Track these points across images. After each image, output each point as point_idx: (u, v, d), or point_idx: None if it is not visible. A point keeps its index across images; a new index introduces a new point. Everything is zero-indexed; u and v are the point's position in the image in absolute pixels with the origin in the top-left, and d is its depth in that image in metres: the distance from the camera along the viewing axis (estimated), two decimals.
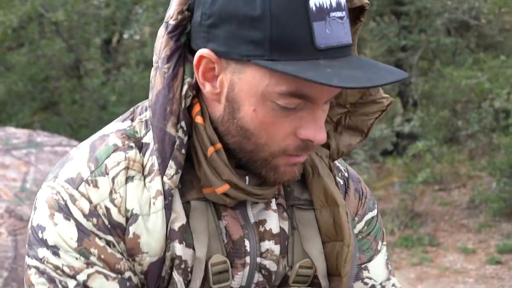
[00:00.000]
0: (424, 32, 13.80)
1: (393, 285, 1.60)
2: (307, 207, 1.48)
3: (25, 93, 13.34)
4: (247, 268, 1.39)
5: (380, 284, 1.57)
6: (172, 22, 1.32)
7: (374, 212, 1.61)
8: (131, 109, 1.45)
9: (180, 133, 1.33)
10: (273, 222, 1.41)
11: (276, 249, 1.40)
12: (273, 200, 1.43)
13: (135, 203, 1.32)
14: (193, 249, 1.34)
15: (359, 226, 1.57)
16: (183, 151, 1.33)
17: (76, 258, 1.30)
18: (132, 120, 1.42)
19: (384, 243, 1.62)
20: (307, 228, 1.46)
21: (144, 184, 1.33)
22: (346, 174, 1.59)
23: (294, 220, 1.46)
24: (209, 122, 1.35)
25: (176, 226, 1.33)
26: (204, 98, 1.36)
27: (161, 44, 1.33)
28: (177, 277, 1.33)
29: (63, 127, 13.14)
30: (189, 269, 1.34)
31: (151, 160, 1.34)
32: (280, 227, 1.42)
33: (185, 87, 1.33)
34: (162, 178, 1.32)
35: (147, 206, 1.32)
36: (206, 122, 1.34)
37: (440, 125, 12.59)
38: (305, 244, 1.45)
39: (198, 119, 1.34)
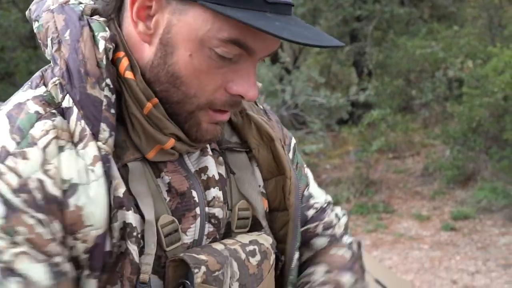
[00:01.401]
0: (378, 2, 13.83)
1: (330, 200, 1.72)
2: (239, 149, 1.44)
3: None
4: (198, 220, 1.31)
5: (324, 202, 1.68)
6: (55, 6, 1.28)
7: (293, 139, 1.63)
8: (39, 74, 1.29)
9: (106, 92, 1.20)
10: (213, 168, 1.35)
11: (220, 195, 1.35)
12: (208, 146, 1.37)
13: (73, 172, 1.16)
14: (139, 213, 1.23)
15: (290, 155, 1.57)
16: (113, 110, 1.21)
17: (2, 237, 1.12)
18: (45, 85, 1.25)
19: (305, 165, 1.66)
20: (242, 171, 1.42)
21: (77, 153, 1.18)
22: (262, 107, 1.56)
23: (228, 163, 1.41)
24: (140, 76, 1.24)
25: (121, 192, 1.19)
26: (131, 46, 1.26)
27: (53, 24, 1.25)
28: (131, 246, 1.20)
29: None
30: (139, 236, 1.22)
31: (80, 125, 1.19)
32: (218, 173, 1.37)
33: (101, 42, 1.22)
34: (96, 143, 1.18)
35: (85, 174, 1.16)
36: (137, 77, 1.24)
37: (394, 94, 12.59)
38: (241, 187, 1.40)
39: (128, 75, 1.23)
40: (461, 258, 8.02)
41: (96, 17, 1.26)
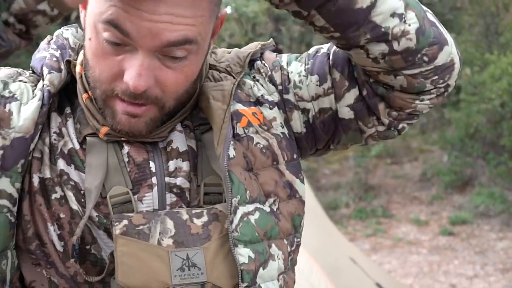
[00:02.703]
0: None
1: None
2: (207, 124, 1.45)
3: None
4: (155, 189, 1.37)
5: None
6: None
7: (282, 57, 1.56)
8: None
9: (52, 51, 1.45)
10: (179, 141, 1.40)
11: (185, 165, 1.39)
12: (179, 124, 1.43)
13: (18, 92, 1.39)
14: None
15: (277, 76, 1.53)
16: (55, 59, 1.43)
17: None
18: None
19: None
20: (213, 148, 1.40)
21: (32, 89, 1.41)
22: (230, 67, 1.53)
23: (202, 140, 1.43)
24: (83, 69, 1.40)
25: (66, 149, 1.38)
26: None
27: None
28: (68, 192, 1.36)
29: None
30: (82, 192, 1.36)
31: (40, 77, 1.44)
32: (188, 145, 1.41)
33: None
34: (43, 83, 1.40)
35: (26, 98, 1.38)
36: (83, 70, 1.40)
37: None
38: (212, 163, 1.40)
39: (77, 68, 1.43)
40: (459, 263, 8.00)
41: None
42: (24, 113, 1.35)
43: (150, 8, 1.19)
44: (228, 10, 14.39)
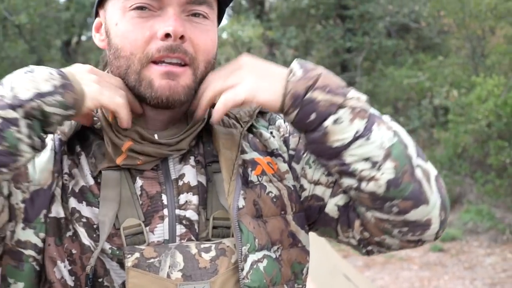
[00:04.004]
0: (367, 34, 13.90)
1: None
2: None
3: None
4: (166, 220, 1.39)
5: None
6: None
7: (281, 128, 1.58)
8: None
9: None
10: (191, 175, 1.43)
11: (194, 199, 1.42)
12: (192, 157, 1.46)
13: None
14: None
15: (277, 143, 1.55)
16: None
17: None
18: None
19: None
20: (222, 187, 1.43)
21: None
22: (239, 114, 1.54)
23: (212, 176, 1.45)
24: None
25: (76, 187, 1.41)
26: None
27: None
28: (79, 229, 1.38)
29: None
30: (94, 226, 1.38)
31: None
32: (198, 181, 1.44)
33: None
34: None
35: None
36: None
37: None
38: (220, 198, 1.43)
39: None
40: (449, 278, 8.00)
41: None
42: (39, 165, 1.39)
43: None
44: (224, 35, 14.46)
